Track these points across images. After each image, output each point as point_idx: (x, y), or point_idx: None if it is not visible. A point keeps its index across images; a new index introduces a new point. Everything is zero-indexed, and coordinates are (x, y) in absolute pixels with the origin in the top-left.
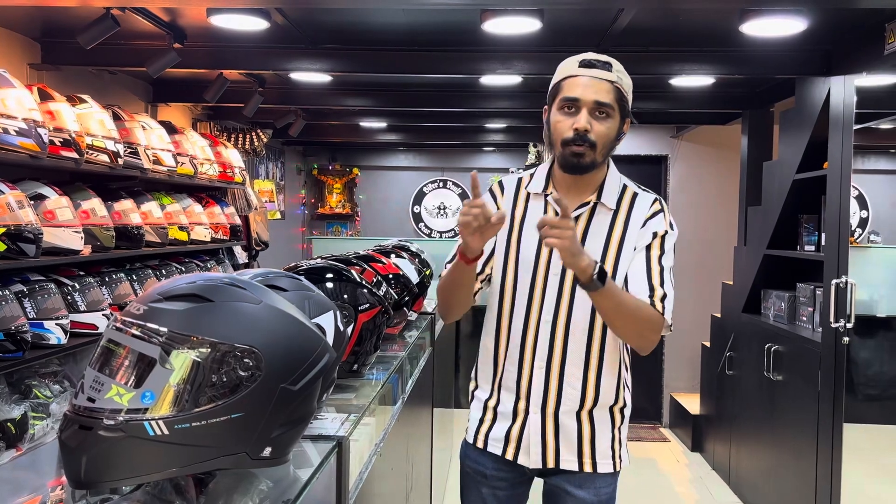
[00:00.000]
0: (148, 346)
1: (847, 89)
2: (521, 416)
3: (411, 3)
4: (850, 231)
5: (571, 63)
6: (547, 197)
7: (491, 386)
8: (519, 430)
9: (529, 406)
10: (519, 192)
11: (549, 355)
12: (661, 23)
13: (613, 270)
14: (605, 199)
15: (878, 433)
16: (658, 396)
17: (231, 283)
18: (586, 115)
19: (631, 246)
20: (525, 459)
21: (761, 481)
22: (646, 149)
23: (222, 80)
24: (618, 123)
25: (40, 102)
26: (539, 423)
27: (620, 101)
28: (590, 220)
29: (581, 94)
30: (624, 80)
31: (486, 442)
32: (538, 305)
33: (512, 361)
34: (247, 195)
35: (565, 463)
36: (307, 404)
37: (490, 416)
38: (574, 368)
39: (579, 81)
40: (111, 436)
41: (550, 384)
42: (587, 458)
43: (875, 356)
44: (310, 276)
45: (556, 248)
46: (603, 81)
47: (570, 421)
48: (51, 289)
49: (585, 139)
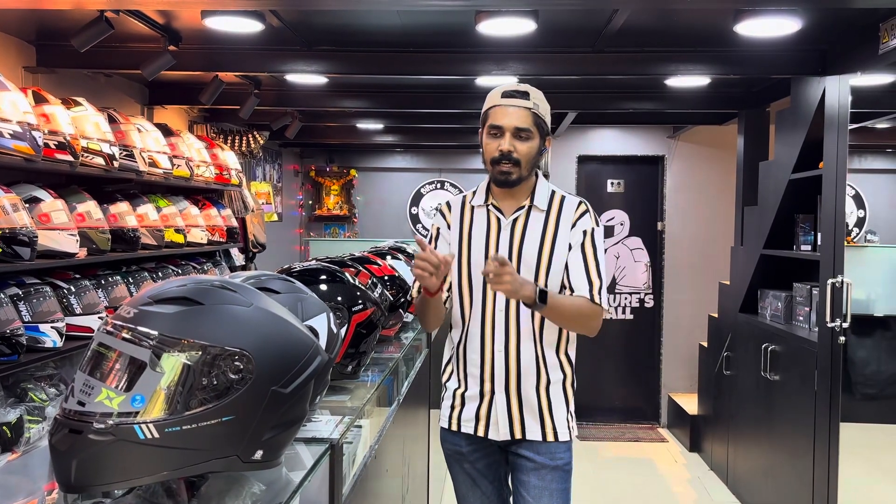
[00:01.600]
0: (138, 349)
1: (842, 89)
2: (486, 396)
3: (406, 4)
4: (846, 231)
5: (496, 94)
6: (488, 206)
7: (458, 376)
8: (487, 408)
9: (494, 387)
10: (465, 207)
11: (506, 340)
12: (656, 23)
13: (549, 261)
14: (537, 202)
15: (875, 432)
16: (656, 397)
17: (222, 285)
18: (509, 138)
19: (563, 242)
20: (494, 433)
21: (759, 481)
22: (642, 149)
23: (218, 82)
24: (538, 142)
25: (35, 105)
26: (504, 401)
27: (538, 124)
28: (526, 221)
29: (504, 121)
30: (541, 106)
31: (459, 424)
32: (492, 299)
33: (474, 350)
34: (243, 197)
35: (531, 433)
36: (299, 407)
37: (459, 402)
38: (528, 349)
39: (500, 111)
40: (101, 439)
41: (510, 366)
42: (549, 427)
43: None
44: (303, 278)
45: (502, 293)
46: (521, 109)
47: (532, 396)
48: (46, 292)
49: (510, 158)
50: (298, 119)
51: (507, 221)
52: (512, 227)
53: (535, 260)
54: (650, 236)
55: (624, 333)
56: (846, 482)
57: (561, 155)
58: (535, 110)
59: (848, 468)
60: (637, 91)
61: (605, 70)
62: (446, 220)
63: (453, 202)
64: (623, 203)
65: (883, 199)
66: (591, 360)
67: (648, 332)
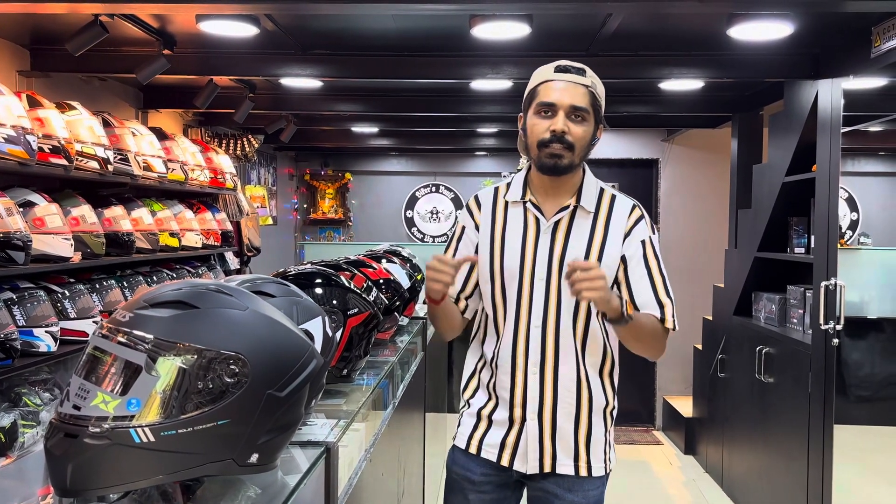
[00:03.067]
0: (134, 353)
1: (835, 92)
2: (517, 423)
3: (401, 8)
4: (839, 233)
5: (547, 69)
6: (526, 203)
7: (486, 393)
8: (515, 437)
9: (526, 413)
10: (497, 203)
11: (542, 360)
12: (650, 27)
13: None
14: (584, 202)
15: (869, 434)
16: (651, 399)
17: (217, 289)
18: (563, 117)
19: (614, 252)
20: (521, 465)
21: (753, 483)
22: (636, 152)
23: (213, 86)
24: (593, 127)
25: (29, 109)
26: (537, 430)
27: (595, 106)
28: (570, 223)
29: (558, 98)
30: (598, 86)
31: (480, 448)
32: (526, 312)
33: (504, 370)
34: (238, 201)
35: (562, 467)
36: (294, 410)
37: (485, 424)
38: (568, 370)
39: (555, 86)
40: (97, 443)
41: (545, 389)
42: (583, 461)
43: (866, 357)
44: (298, 282)
45: (593, 300)
46: (578, 86)
47: (568, 425)
48: (40, 296)
49: (563, 140)
50: (293, 123)
51: (547, 224)
52: (553, 230)
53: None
54: None
55: None
56: (840, 484)
57: None
58: (592, 89)
59: (842, 470)
60: (631, 94)
61: (600, 73)
62: (474, 220)
63: (483, 197)
64: None
65: (875, 201)
66: None
67: None
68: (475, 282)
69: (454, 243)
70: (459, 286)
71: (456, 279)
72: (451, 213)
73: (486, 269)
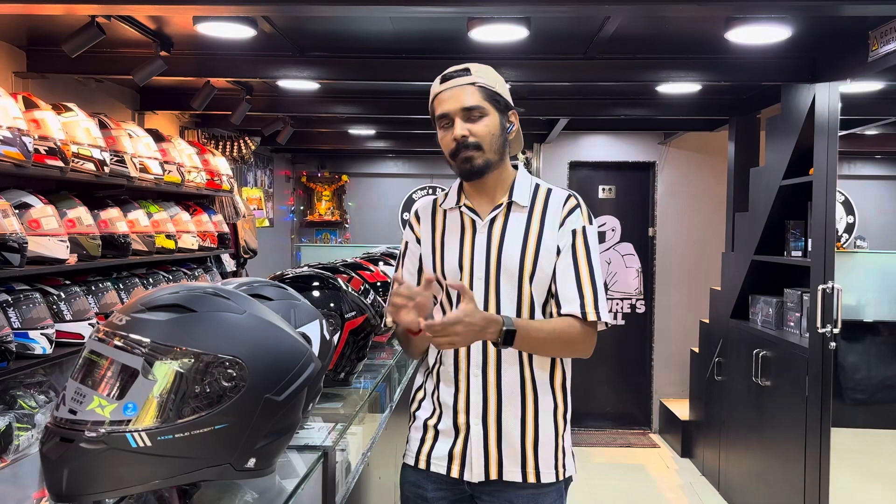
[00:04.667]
0: (130, 357)
1: (832, 96)
2: (462, 430)
3: (399, 11)
4: (836, 236)
5: (436, 82)
6: (461, 208)
7: (431, 403)
8: (462, 445)
9: (470, 418)
10: (436, 213)
11: (484, 363)
12: (648, 30)
13: (532, 268)
14: (516, 197)
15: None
16: (647, 402)
17: (214, 292)
18: (460, 122)
19: (550, 244)
20: (469, 474)
21: (750, 486)
22: (633, 155)
23: (209, 87)
24: (497, 118)
25: (25, 111)
26: (481, 434)
27: (490, 98)
28: (505, 220)
29: (448, 107)
30: (487, 77)
31: (429, 462)
32: None
33: (447, 377)
34: (235, 203)
35: (508, 474)
36: (292, 414)
37: (431, 435)
38: (511, 373)
39: (443, 97)
40: (93, 448)
41: (489, 393)
42: (531, 467)
43: (862, 361)
44: (296, 285)
45: (457, 347)
46: (464, 87)
47: (514, 428)
48: (36, 298)
49: (468, 144)
50: (290, 125)
51: (483, 223)
52: (489, 228)
53: (518, 267)
54: (641, 242)
55: (615, 339)
56: (837, 487)
57: (552, 161)
58: (480, 83)
59: (839, 473)
60: (628, 98)
61: (597, 77)
62: (415, 233)
63: (422, 209)
64: (614, 209)
65: (872, 205)
66: (583, 365)
67: (640, 338)
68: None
69: (401, 260)
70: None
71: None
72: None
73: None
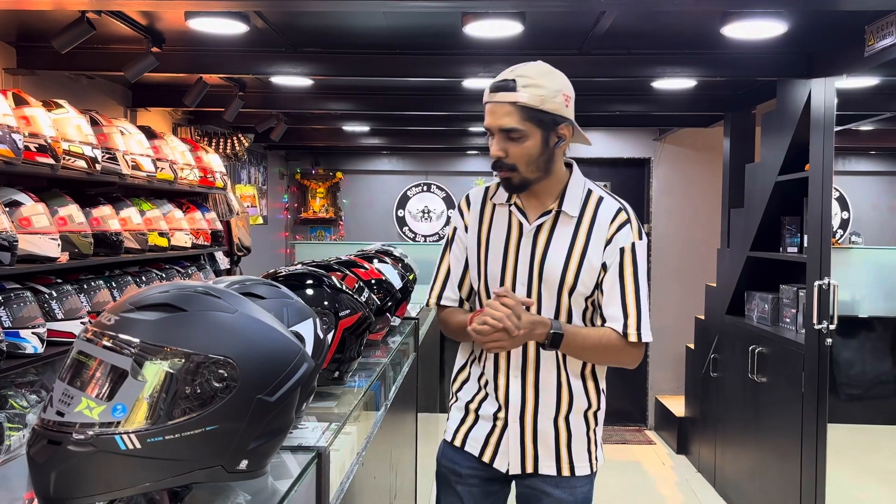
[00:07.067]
0: (119, 357)
1: (828, 91)
2: (500, 423)
3: (393, 6)
4: (832, 232)
5: (487, 88)
6: (511, 207)
7: (475, 386)
8: (498, 436)
9: (508, 415)
10: (485, 204)
11: (524, 364)
12: (643, 25)
13: (574, 282)
14: (566, 207)
15: (862, 433)
16: (643, 399)
17: (205, 291)
18: (499, 140)
19: (595, 258)
20: (502, 464)
21: (746, 483)
22: (629, 151)
23: (202, 84)
24: (539, 139)
25: (15, 108)
26: (518, 432)
27: (533, 119)
28: (552, 229)
29: (489, 122)
30: (533, 90)
31: (465, 441)
32: None
33: (489, 371)
34: (228, 200)
35: (544, 468)
36: (285, 415)
37: (472, 418)
38: (548, 374)
39: (488, 109)
40: (81, 450)
41: (527, 392)
42: (565, 462)
43: (857, 356)
44: (289, 283)
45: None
46: (504, 105)
47: (548, 427)
48: (27, 297)
49: (503, 164)
50: (284, 121)
51: (529, 228)
52: (535, 235)
53: (559, 279)
54: None
55: None
56: (833, 483)
57: None
58: (522, 103)
59: (835, 469)
60: (623, 93)
61: (592, 72)
62: (464, 221)
63: (473, 197)
64: None
65: (867, 201)
66: None
67: None
68: (469, 284)
69: (448, 246)
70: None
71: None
72: (443, 213)
73: (474, 271)
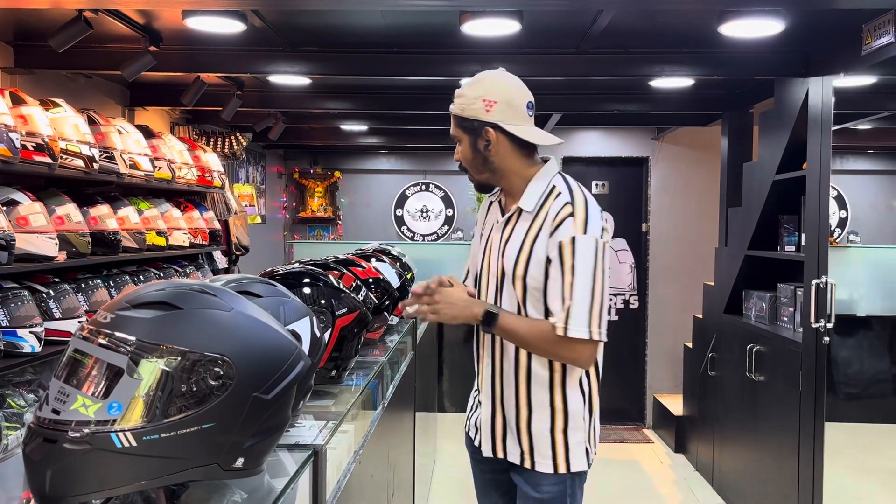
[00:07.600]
0: (115, 355)
1: (825, 90)
2: (478, 405)
3: (390, 4)
4: (829, 231)
5: None
6: (499, 202)
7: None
8: (477, 417)
9: (480, 396)
10: (490, 202)
11: (492, 350)
12: (641, 24)
13: (524, 274)
14: (522, 203)
15: (859, 431)
16: (641, 398)
17: (201, 290)
18: (457, 146)
19: (541, 250)
20: (485, 447)
21: (744, 481)
22: (626, 150)
23: (200, 83)
24: (468, 143)
25: (12, 107)
26: (489, 414)
27: (461, 125)
28: (515, 224)
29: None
30: (457, 102)
31: (468, 425)
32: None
33: (478, 355)
34: (226, 199)
35: (511, 455)
36: (281, 413)
37: (475, 404)
38: (509, 360)
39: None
40: (77, 448)
41: (496, 377)
42: (527, 453)
43: (855, 355)
44: (286, 282)
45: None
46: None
47: (511, 416)
48: (24, 296)
49: (461, 166)
50: (282, 121)
51: (500, 224)
52: (502, 230)
53: (511, 272)
54: (634, 237)
55: (609, 335)
56: (831, 481)
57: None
58: (456, 112)
59: (832, 467)
60: (621, 92)
61: (590, 71)
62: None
63: (487, 196)
64: (607, 204)
65: (864, 200)
66: None
67: (633, 333)
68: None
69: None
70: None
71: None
72: (441, 212)
73: (470, 261)
